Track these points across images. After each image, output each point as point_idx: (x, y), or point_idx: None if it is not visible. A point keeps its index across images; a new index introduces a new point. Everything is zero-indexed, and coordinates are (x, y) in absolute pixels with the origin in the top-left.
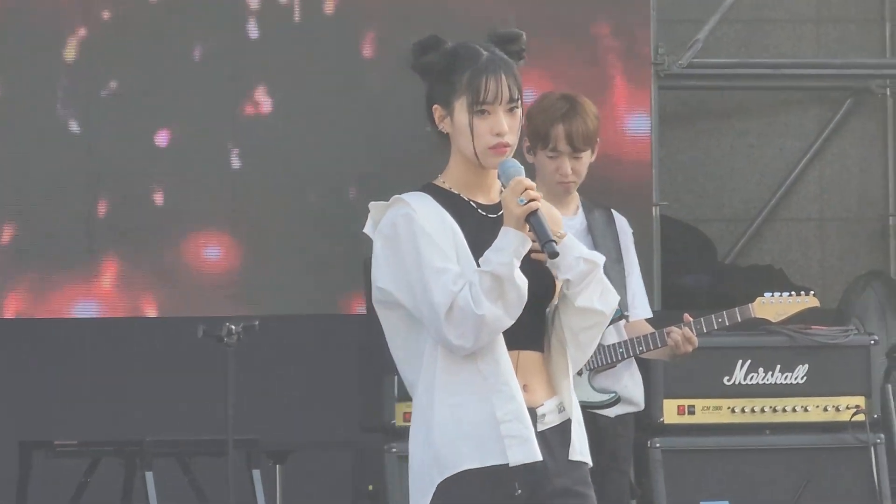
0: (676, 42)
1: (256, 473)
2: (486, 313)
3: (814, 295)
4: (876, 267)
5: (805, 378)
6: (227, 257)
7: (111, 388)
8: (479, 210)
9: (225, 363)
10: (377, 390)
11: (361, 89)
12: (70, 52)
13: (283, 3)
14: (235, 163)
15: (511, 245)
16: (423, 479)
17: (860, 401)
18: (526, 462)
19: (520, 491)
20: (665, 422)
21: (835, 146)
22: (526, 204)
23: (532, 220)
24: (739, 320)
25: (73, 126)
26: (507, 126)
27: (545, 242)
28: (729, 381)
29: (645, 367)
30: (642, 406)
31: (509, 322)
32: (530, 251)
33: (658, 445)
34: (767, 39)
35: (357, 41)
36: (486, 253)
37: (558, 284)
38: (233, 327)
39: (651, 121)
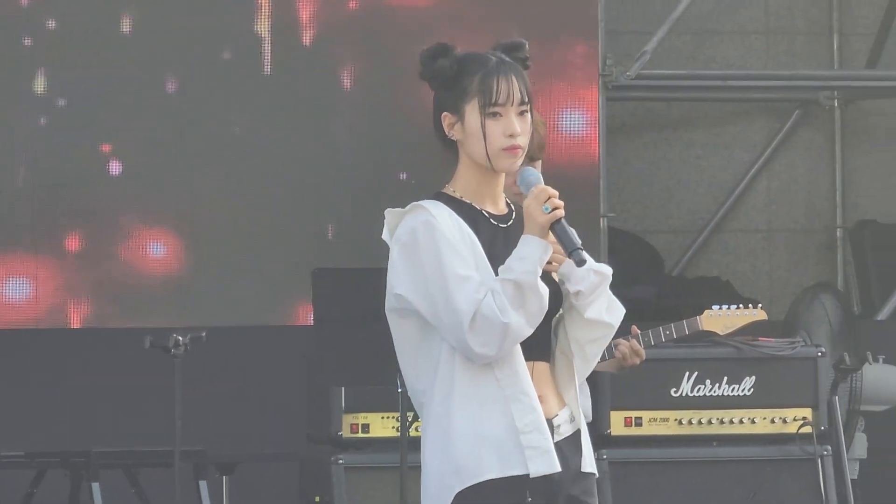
0: (624, 53)
1: (203, 485)
2: (512, 321)
3: (761, 308)
4: (823, 278)
5: (752, 390)
6: (175, 267)
7: (58, 398)
8: (492, 220)
9: (172, 374)
10: (324, 402)
11: (317, 101)
12: (21, 61)
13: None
14: (185, 172)
15: (535, 253)
16: (439, 488)
17: (807, 413)
18: (547, 473)
19: (530, 500)
20: (612, 434)
21: (783, 157)
22: (551, 212)
23: (557, 228)
24: (687, 333)
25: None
26: (520, 128)
27: (573, 250)
28: (676, 392)
29: (592, 379)
30: (590, 418)
31: (530, 330)
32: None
33: (605, 457)
34: (715, 51)
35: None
36: (507, 261)
37: (565, 296)
38: (180, 338)
39: (599, 132)
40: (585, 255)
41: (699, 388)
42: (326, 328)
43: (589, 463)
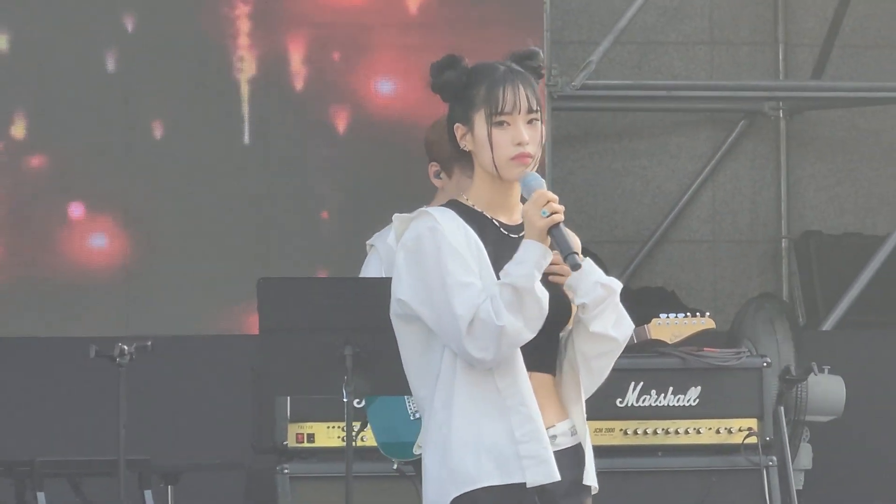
0: (569, 63)
1: (148, 494)
2: (506, 324)
3: (709, 316)
4: (768, 289)
5: (698, 400)
6: (121, 276)
7: (1, 407)
8: (502, 229)
9: (117, 383)
10: (269, 411)
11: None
12: None
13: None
14: (132, 180)
15: (532, 257)
16: (437, 494)
17: (752, 423)
18: (544, 482)
19: None
20: None
21: (728, 168)
22: (548, 216)
23: (554, 233)
24: (635, 341)
25: None
26: (528, 136)
27: (567, 255)
28: (621, 402)
29: None
30: None
31: (529, 335)
32: (549, 273)
33: None
34: (660, 61)
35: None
36: (506, 266)
37: (574, 309)
38: (125, 347)
39: (545, 142)
40: (580, 259)
41: (644, 399)
42: (272, 338)
43: (590, 476)
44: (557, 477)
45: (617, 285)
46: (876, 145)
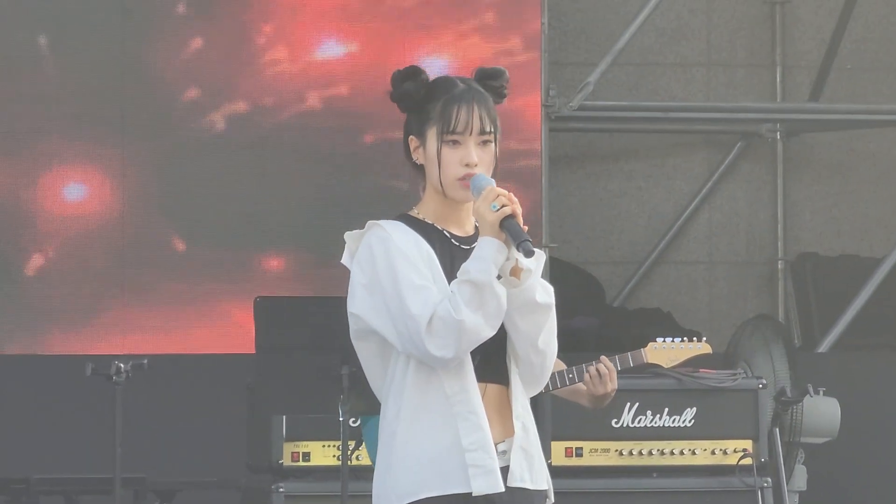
0: (567, 84)
1: None
2: (465, 319)
3: (706, 341)
4: (764, 310)
5: (693, 421)
6: (118, 294)
7: None
8: (453, 240)
9: (113, 401)
10: (265, 430)
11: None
12: None
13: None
14: (127, 200)
15: (489, 253)
16: None
17: (748, 444)
18: (489, 492)
19: None
20: (553, 464)
21: (724, 189)
22: (499, 209)
23: (506, 224)
24: (632, 364)
25: None
26: (478, 158)
27: (520, 242)
28: (617, 423)
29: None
30: None
31: (490, 332)
32: (511, 270)
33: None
34: (658, 83)
35: None
36: (463, 265)
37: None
38: (122, 365)
39: (541, 162)
40: (532, 246)
41: (640, 419)
42: (268, 357)
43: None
44: (502, 487)
45: (541, 253)
46: (872, 168)
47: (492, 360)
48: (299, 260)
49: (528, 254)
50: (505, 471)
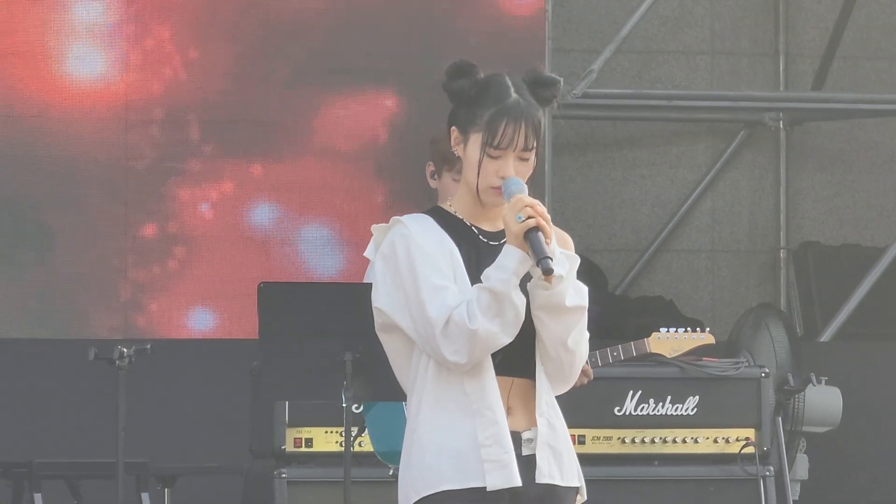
0: (570, 72)
1: (145, 496)
2: (479, 328)
3: (709, 332)
4: (766, 299)
5: (695, 409)
6: (119, 279)
7: (0, 409)
8: (481, 236)
9: (116, 386)
10: (268, 415)
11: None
12: None
13: None
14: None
15: (511, 263)
16: (404, 497)
17: (750, 433)
18: (504, 487)
19: None
20: None
21: (727, 178)
22: (524, 221)
23: (530, 237)
24: (634, 354)
25: None
26: (515, 171)
27: (541, 259)
28: (619, 411)
29: None
30: None
31: (506, 340)
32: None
33: None
34: (661, 71)
35: None
36: (486, 270)
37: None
38: (124, 350)
39: (544, 150)
40: (553, 265)
41: (643, 407)
42: (271, 342)
43: (547, 475)
44: (518, 482)
45: (575, 256)
46: (875, 157)
47: (519, 356)
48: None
49: (547, 272)
50: (532, 462)
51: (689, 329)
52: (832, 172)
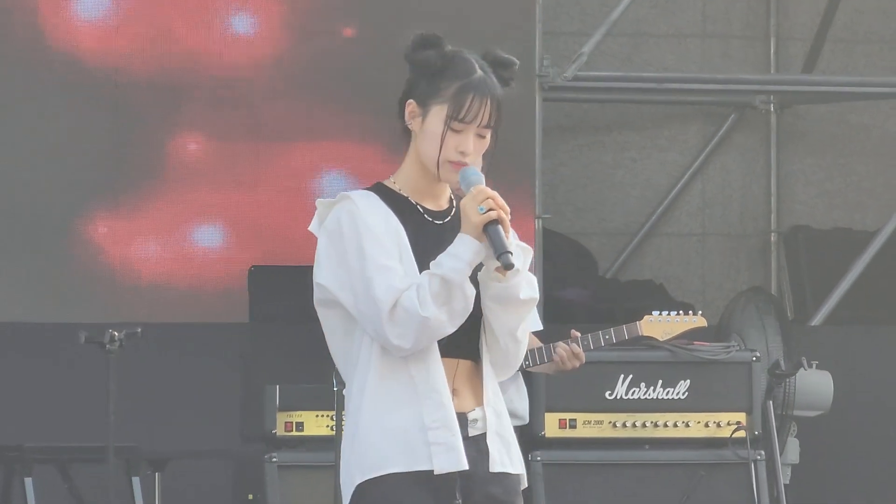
0: (561, 55)
1: (136, 481)
2: (431, 316)
3: (701, 315)
4: (757, 283)
5: (687, 393)
6: (111, 262)
7: None
8: (426, 215)
9: (106, 370)
10: (259, 399)
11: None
12: None
13: None
14: (122, 168)
15: (466, 253)
16: (346, 479)
17: (741, 417)
18: (451, 470)
19: (458, 501)
20: (546, 435)
21: (717, 161)
22: (485, 213)
23: (490, 230)
24: (627, 338)
25: None
26: (473, 148)
27: (501, 253)
28: (611, 395)
29: (528, 380)
30: (527, 420)
31: (451, 329)
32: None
33: (539, 459)
34: (652, 54)
35: None
36: (439, 257)
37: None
38: (115, 334)
39: (534, 133)
40: (513, 259)
41: (634, 391)
42: (262, 326)
43: (499, 463)
44: (465, 465)
45: (528, 248)
46: (866, 140)
47: (465, 337)
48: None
49: (507, 266)
50: (480, 442)
51: (681, 312)
52: (823, 156)
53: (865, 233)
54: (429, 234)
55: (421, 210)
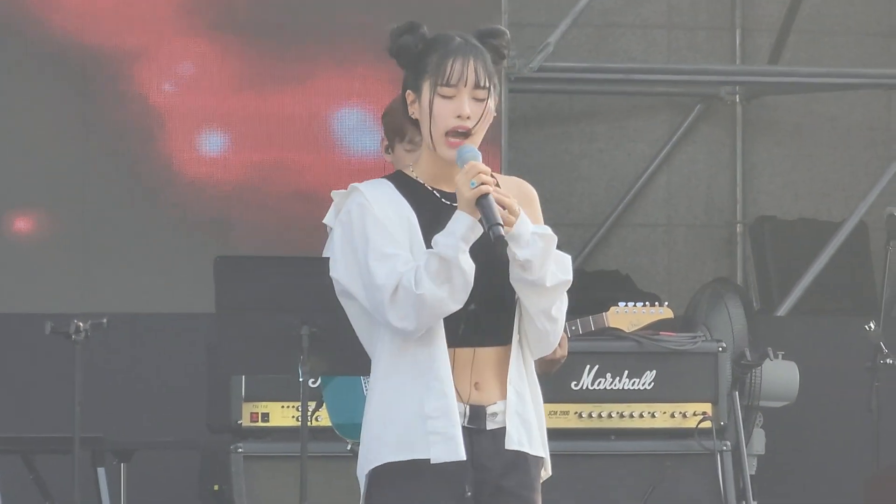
0: (527, 46)
1: (101, 471)
2: (426, 293)
3: (668, 306)
4: (723, 273)
5: (653, 384)
6: (76, 253)
7: None
8: (443, 199)
9: (72, 360)
10: (224, 390)
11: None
12: None
13: None
14: (85, 158)
15: (460, 228)
16: (360, 468)
17: (707, 408)
18: (448, 460)
19: (469, 493)
20: None
21: (683, 152)
22: (476, 187)
23: (481, 203)
24: (593, 328)
25: None
26: (471, 111)
27: (491, 226)
28: (576, 385)
29: None
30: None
31: (454, 306)
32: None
33: None
34: (618, 45)
35: None
36: (436, 236)
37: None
38: (81, 324)
39: (501, 124)
40: (503, 231)
41: (600, 382)
42: (228, 316)
43: (516, 441)
44: (463, 456)
45: (551, 233)
46: (832, 131)
47: (484, 324)
48: (261, 217)
49: (497, 239)
50: (498, 435)
51: (647, 303)
52: (788, 146)
53: (831, 223)
54: (445, 216)
55: (438, 195)
